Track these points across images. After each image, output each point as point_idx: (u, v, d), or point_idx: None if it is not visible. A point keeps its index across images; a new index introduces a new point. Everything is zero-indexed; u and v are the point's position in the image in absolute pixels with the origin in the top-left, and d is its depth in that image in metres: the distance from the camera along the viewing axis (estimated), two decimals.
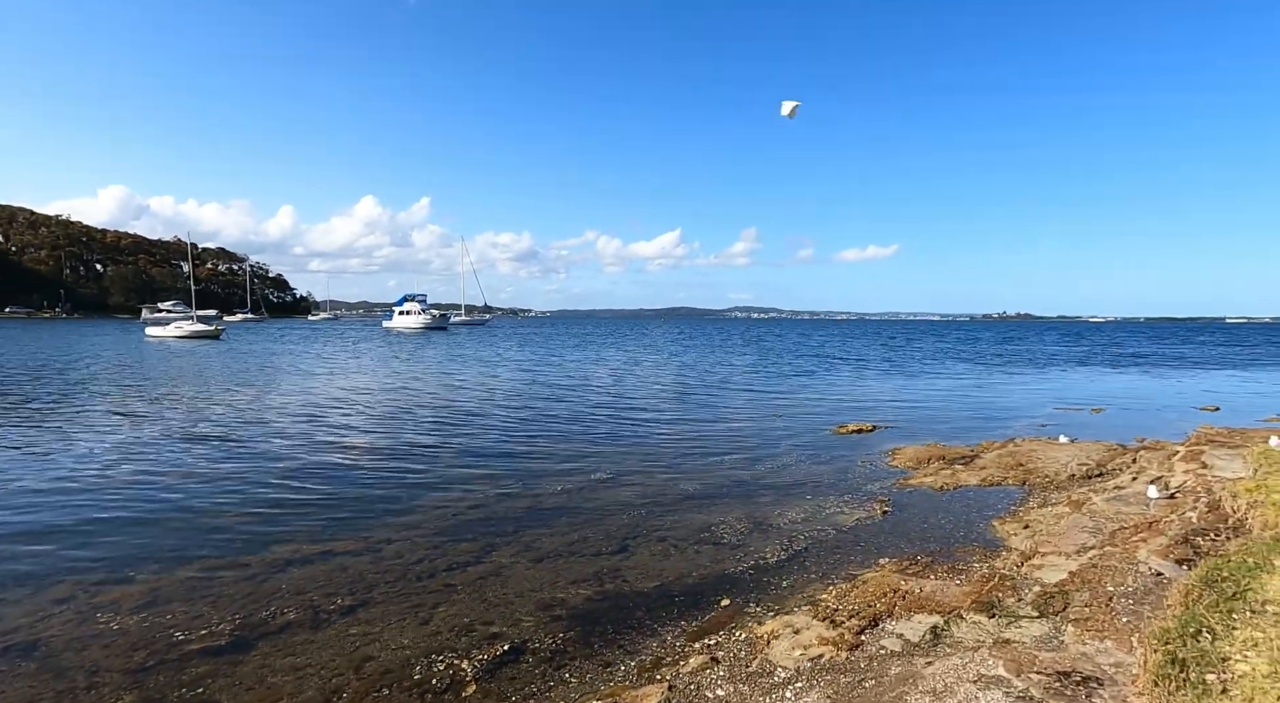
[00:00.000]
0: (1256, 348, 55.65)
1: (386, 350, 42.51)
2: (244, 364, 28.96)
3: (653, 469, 10.33)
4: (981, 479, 10.03)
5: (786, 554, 6.70)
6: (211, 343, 46.41)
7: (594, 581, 5.84)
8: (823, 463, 11.14)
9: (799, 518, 7.97)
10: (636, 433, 13.39)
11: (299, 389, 19.96)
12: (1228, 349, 53.61)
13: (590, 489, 9.04)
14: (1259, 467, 8.75)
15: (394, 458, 10.67)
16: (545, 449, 11.59)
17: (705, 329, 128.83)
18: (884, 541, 7.22)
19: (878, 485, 9.63)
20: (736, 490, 9.26)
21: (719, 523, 7.67)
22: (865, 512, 8.27)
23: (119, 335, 55.66)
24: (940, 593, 5.74)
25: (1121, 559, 6.33)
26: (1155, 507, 8.16)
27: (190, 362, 30.16)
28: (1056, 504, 8.68)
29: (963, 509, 8.50)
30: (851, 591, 5.76)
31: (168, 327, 52.12)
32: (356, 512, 7.62)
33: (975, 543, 7.19)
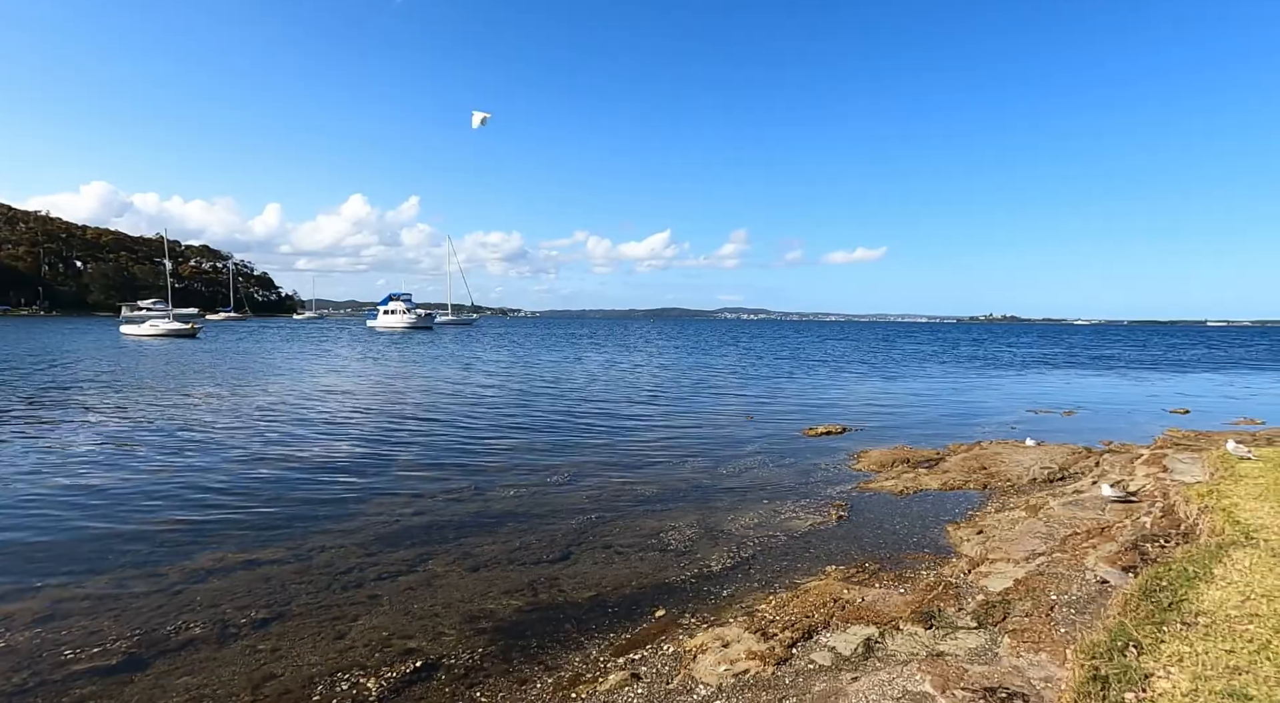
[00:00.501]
0: (1234, 351, 56.44)
1: (364, 350, 41.99)
2: (214, 364, 28.44)
3: (611, 472, 10.16)
4: (942, 483, 9.94)
5: (732, 561, 6.55)
6: (187, 342, 45.66)
7: (528, 590, 5.65)
8: (786, 466, 11.02)
9: (752, 523, 7.83)
10: (601, 436, 13.20)
11: (262, 390, 19.58)
12: (1205, 352, 54.31)
13: (543, 494, 8.85)
14: (1215, 471, 8.72)
15: (345, 461, 10.40)
16: (504, 452, 11.38)
17: (691, 330, 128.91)
18: (835, 547, 7.09)
19: (838, 489, 9.52)
20: (693, 494, 9.11)
21: (669, 528, 7.51)
22: (820, 517, 8.14)
23: (94, 334, 54.62)
24: (881, 602, 5.61)
25: (1069, 566, 6.24)
26: (1110, 512, 8.11)
27: (161, 361, 29.58)
28: (1013, 509, 8.61)
29: (919, 514, 8.39)
30: (792, 600, 5.62)
31: (143, 325, 51.23)
32: (294, 518, 7.37)
33: (926, 549, 7.08)
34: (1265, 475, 7.93)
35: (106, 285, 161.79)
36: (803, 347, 55.64)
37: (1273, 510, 6.45)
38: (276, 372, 25.16)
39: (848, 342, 69.27)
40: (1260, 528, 6.07)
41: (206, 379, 22.10)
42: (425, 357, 36.76)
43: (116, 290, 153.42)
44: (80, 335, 51.01)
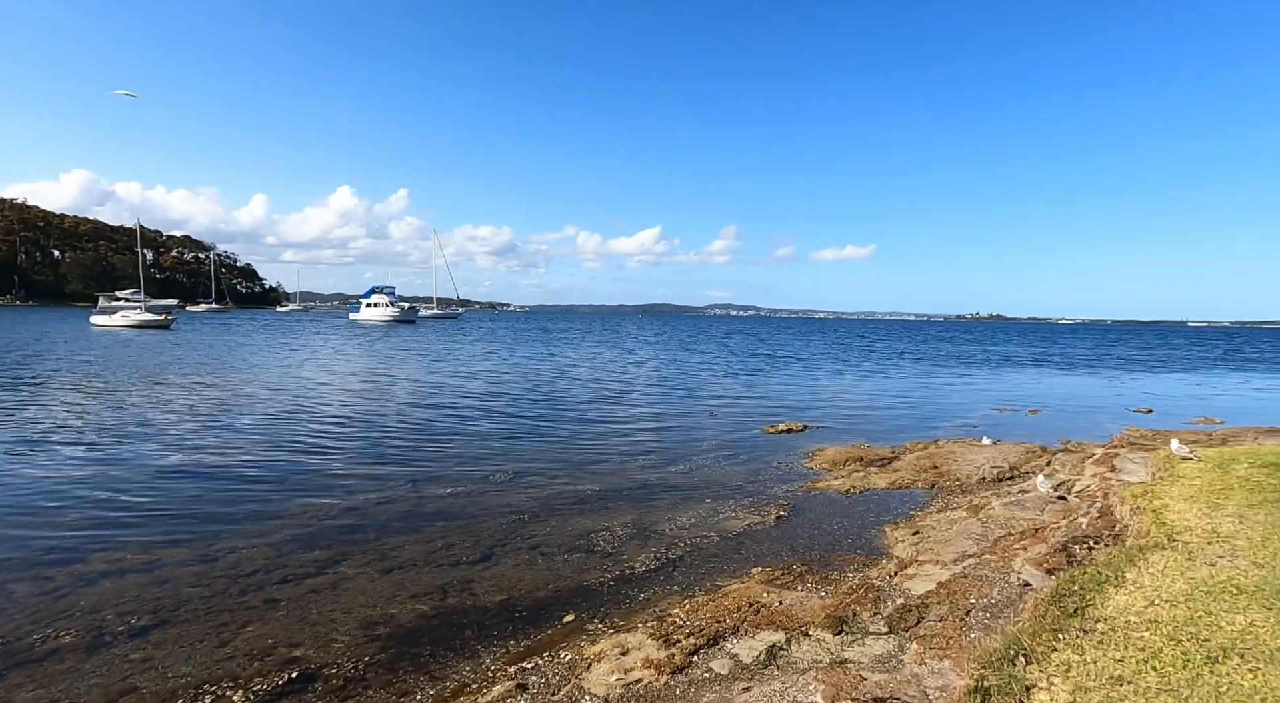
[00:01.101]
0: (1208, 351, 57.21)
1: (337, 344, 41.45)
2: (177, 357, 27.88)
3: (558, 471, 9.99)
4: (891, 482, 9.88)
5: (657, 563, 6.41)
6: (159, 333, 44.85)
7: (437, 594, 5.48)
8: (738, 464, 10.91)
9: (688, 523, 7.70)
10: (556, 433, 13.03)
11: (218, 382, 19.19)
12: (1180, 351, 55.01)
13: (481, 492, 8.67)
14: (1156, 471, 8.71)
15: (281, 459, 10.14)
16: (452, 450, 11.17)
17: (676, 326, 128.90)
18: (767, 548, 6.98)
19: (784, 488, 9.42)
20: (636, 493, 8.97)
21: (602, 529, 7.36)
22: (759, 516, 8.03)
23: (64, 324, 53.54)
24: (799, 607, 5.50)
25: (995, 569, 6.16)
26: (1049, 512, 8.06)
27: (125, 352, 28.98)
28: (956, 509, 8.54)
29: (861, 514, 8.31)
30: (708, 604, 5.49)
31: (114, 316, 50.25)
32: (212, 518, 7.14)
33: (859, 551, 6.99)
34: (1202, 476, 7.90)
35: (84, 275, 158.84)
36: (783, 344, 55.71)
37: (1199, 512, 6.41)
38: (237, 366, 24.68)
39: (829, 339, 69.53)
40: (1184, 530, 6.02)
41: (162, 372, 21.62)
42: (397, 351, 36.32)
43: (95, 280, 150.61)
44: (49, 326, 49.99)
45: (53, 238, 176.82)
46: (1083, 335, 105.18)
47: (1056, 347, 61.00)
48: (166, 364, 24.30)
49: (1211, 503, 6.70)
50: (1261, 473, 7.74)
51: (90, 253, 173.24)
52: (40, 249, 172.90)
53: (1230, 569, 4.92)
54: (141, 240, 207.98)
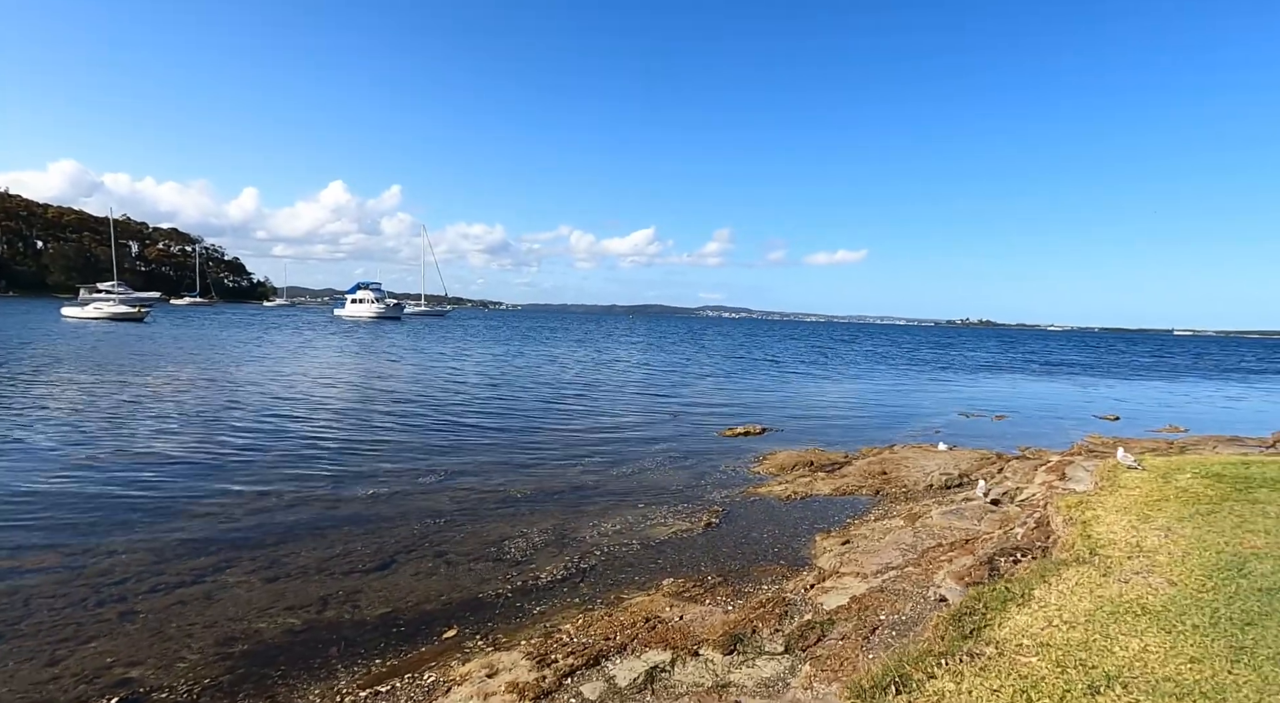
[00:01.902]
0: (1189, 359, 57.58)
1: (311, 338, 40.86)
2: (139, 348, 27.27)
3: (494, 473, 9.67)
4: (835, 489, 9.63)
5: (566, 573, 6.11)
6: (130, 326, 44.03)
7: (316, 606, 5.15)
8: (684, 467, 10.63)
9: (612, 530, 7.40)
10: (505, 433, 12.70)
11: (163, 375, 18.67)
12: (1160, 360, 55.32)
13: (405, 495, 8.33)
14: (1099, 480, 8.51)
15: (205, 456, 9.75)
16: (389, 449, 10.82)
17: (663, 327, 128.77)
18: (687, 557, 6.69)
19: (723, 494, 9.14)
20: (569, 497, 8.66)
21: (519, 535, 7.05)
22: (689, 523, 7.75)
23: (35, 315, 52.53)
24: (699, 622, 5.21)
25: (916, 582, 5.90)
26: (987, 522, 7.83)
27: (82, 344, 28.30)
28: (894, 517, 8.30)
29: (796, 522, 8.04)
30: (603, 619, 5.19)
31: (85, 308, 49.37)
32: (103, 519, 6.77)
33: (783, 561, 6.72)
34: (1142, 487, 7.70)
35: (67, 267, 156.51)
36: (762, 346, 55.58)
37: (1128, 525, 6.19)
38: (192, 359, 24.10)
39: (810, 342, 69.52)
40: (1108, 544, 5.80)
41: (110, 364, 21.05)
42: (366, 347, 35.74)
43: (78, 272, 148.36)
44: (18, 317, 48.97)
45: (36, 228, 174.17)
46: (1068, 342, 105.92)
47: (1038, 352, 61.23)
48: (120, 357, 23.70)
49: (1142, 515, 6.49)
50: (1201, 484, 7.55)
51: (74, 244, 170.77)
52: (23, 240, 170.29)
53: (1142, 587, 4.69)
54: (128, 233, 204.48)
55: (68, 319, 47.06)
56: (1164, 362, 51.04)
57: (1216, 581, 4.68)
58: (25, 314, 54.27)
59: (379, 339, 43.86)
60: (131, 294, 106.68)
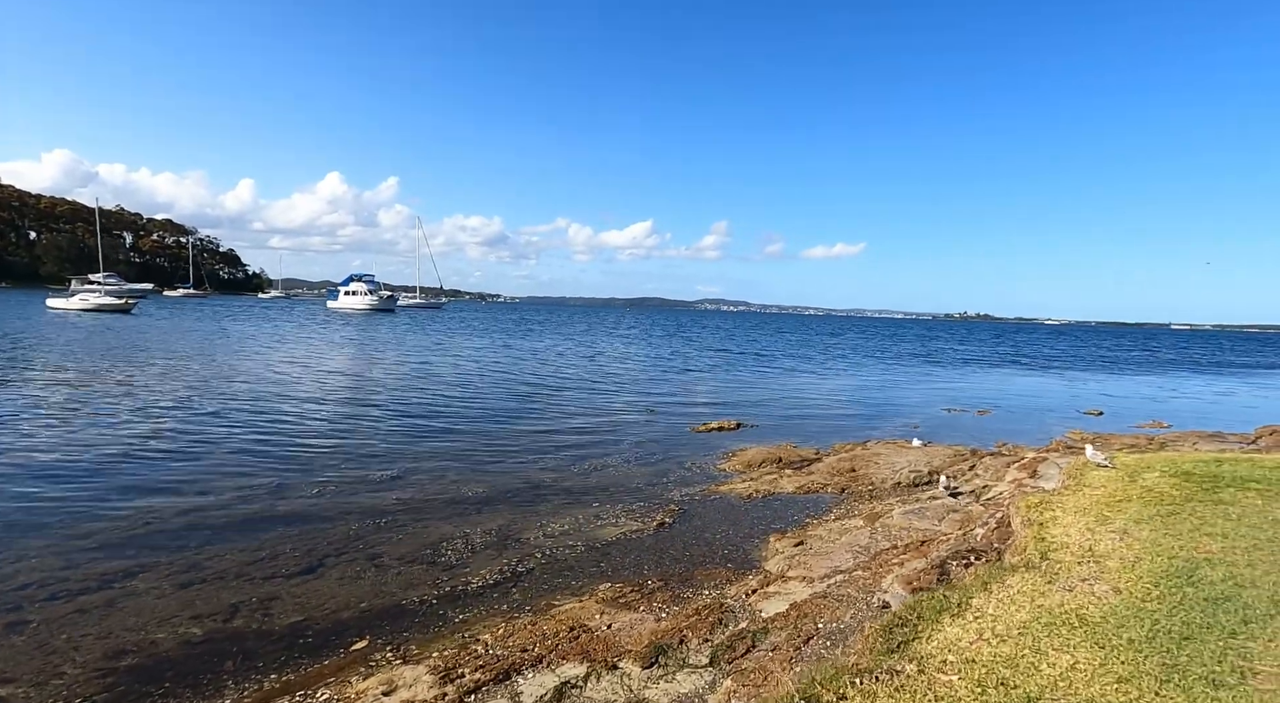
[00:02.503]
0: (1182, 353, 57.47)
1: (298, 331, 40.47)
2: (120, 341, 26.92)
3: (449, 470, 9.42)
4: (799, 486, 9.40)
5: (501, 577, 5.87)
6: (116, 317, 43.59)
7: (225, 614, 4.90)
8: (649, 464, 10.39)
9: (559, 531, 7.16)
10: (470, 429, 12.43)
11: (127, 367, 18.34)
12: (1152, 353, 55.20)
13: (351, 493, 8.08)
14: (1068, 479, 8.28)
15: (147, 452, 9.45)
16: (345, 445, 10.56)
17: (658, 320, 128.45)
18: (632, 560, 6.45)
19: (683, 492, 8.90)
20: (522, 496, 8.41)
21: (461, 536, 6.81)
22: (641, 523, 7.51)
23: (20, 307, 52.01)
24: (627, 631, 4.98)
25: (862, 587, 5.67)
26: (947, 522, 7.61)
27: (58, 336, 27.92)
28: (854, 517, 8.07)
29: (753, 521, 7.81)
30: (526, 628, 4.95)
31: (71, 299, 48.91)
32: (20, 522, 6.50)
33: (730, 564, 6.48)
34: (1107, 485, 7.47)
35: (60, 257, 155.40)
36: (753, 339, 55.33)
37: (1084, 526, 5.95)
38: (165, 352, 23.74)
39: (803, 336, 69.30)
40: (1060, 547, 5.56)
41: (81, 357, 20.69)
42: (349, 340, 35.37)
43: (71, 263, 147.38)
44: (5, 308, 48.51)
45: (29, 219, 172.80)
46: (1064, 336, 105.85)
47: (1032, 346, 61.10)
48: (90, 349, 23.33)
49: (1101, 516, 6.26)
50: (1168, 483, 7.32)
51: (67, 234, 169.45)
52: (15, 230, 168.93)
53: (1085, 596, 4.45)
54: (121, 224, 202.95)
55: (52, 310, 46.63)
56: (1157, 356, 50.90)
57: (1164, 589, 4.45)
58: (11, 306, 53.75)
59: (363, 332, 43.51)
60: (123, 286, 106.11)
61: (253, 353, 25.11)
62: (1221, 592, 4.32)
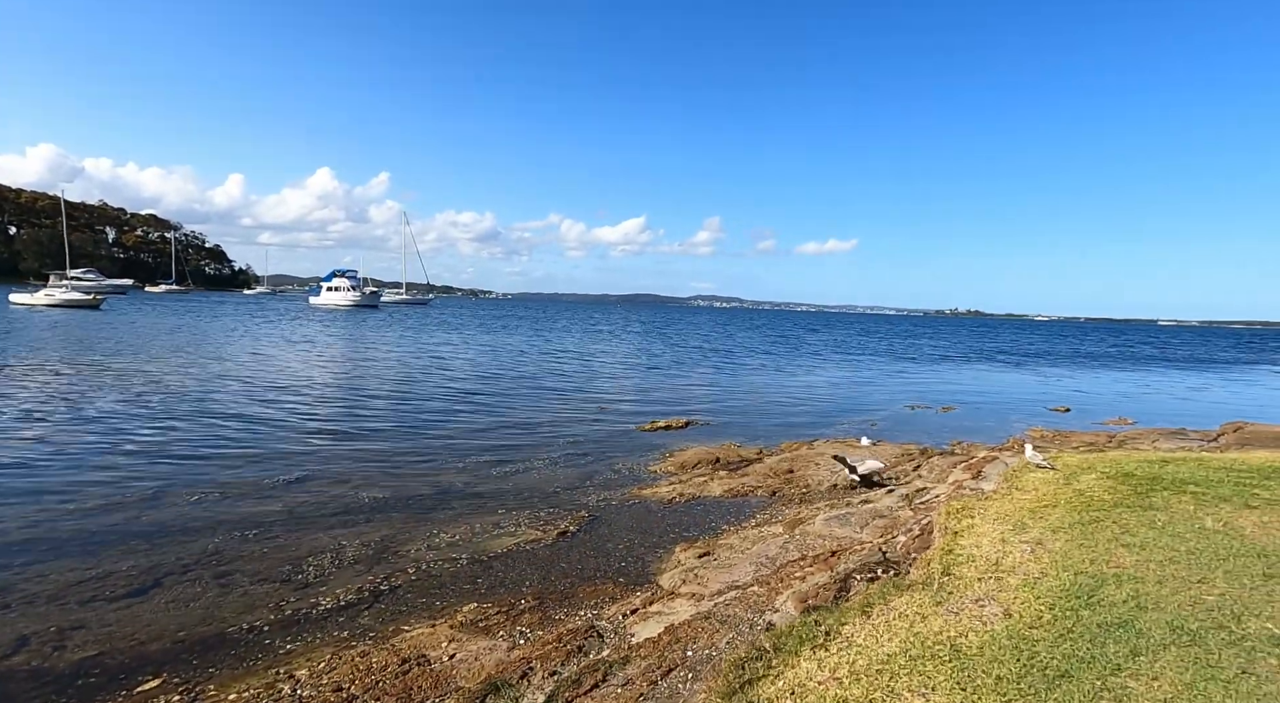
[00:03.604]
0: (1162, 350, 57.45)
1: (262, 327, 39.56)
2: (69, 338, 26.08)
3: (358, 474, 8.83)
4: (728, 489, 8.88)
5: (358, 597, 5.30)
6: (83, 313, 42.54)
7: (8, 648, 4.32)
8: (577, 467, 9.84)
9: (447, 541, 6.61)
10: (399, 429, 11.85)
11: (58, 366, 17.65)
12: (1134, 349, 55.16)
13: (235, 499, 7.50)
14: (1001, 481, 7.80)
15: (31, 455, 8.85)
16: (252, 447, 9.94)
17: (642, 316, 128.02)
18: (513, 575, 5.91)
19: (602, 496, 8.36)
20: (425, 502, 7.85)
21: (333, 549, 6.24)
22: (541, 532, 6.96)
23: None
24: (469, 663, 4.43)
25: (753, 605, 5.14)
26: (870, 529, 7.10)
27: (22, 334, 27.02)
28: (776, 523, 7.56)
29: (665, 529, 7.28)
30: (353, 660, 4.39)
31: (36, 294, 47.74)
32: None
33: (622, 578, 5.95)
34: (1039, 489, 6.99)
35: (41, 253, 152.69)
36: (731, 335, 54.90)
37: (999, 536, 5.45)
38: (118, 348, 23.02)
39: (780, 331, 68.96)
40: (966, 560, 5.06)
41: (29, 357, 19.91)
42: (308, 337, 34.45)
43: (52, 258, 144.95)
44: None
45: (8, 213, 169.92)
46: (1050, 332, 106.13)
47: (1014, 342, 60.97)
48: (30, 344, 22.50)
49: (1020, 524, 5.76)
50: (1103, 486, 6.85)
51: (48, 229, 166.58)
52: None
53: (970, 620, 3.94)
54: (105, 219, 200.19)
55: (15, 307, 45.49)
56: (1137, 352, 50.80)
57: (1058, 611, 3.95)
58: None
59: (328, 328, 42.61)
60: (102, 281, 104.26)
61: (198, 349, 24.29)
62: (1119, 616, 3.82)
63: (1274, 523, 5.38)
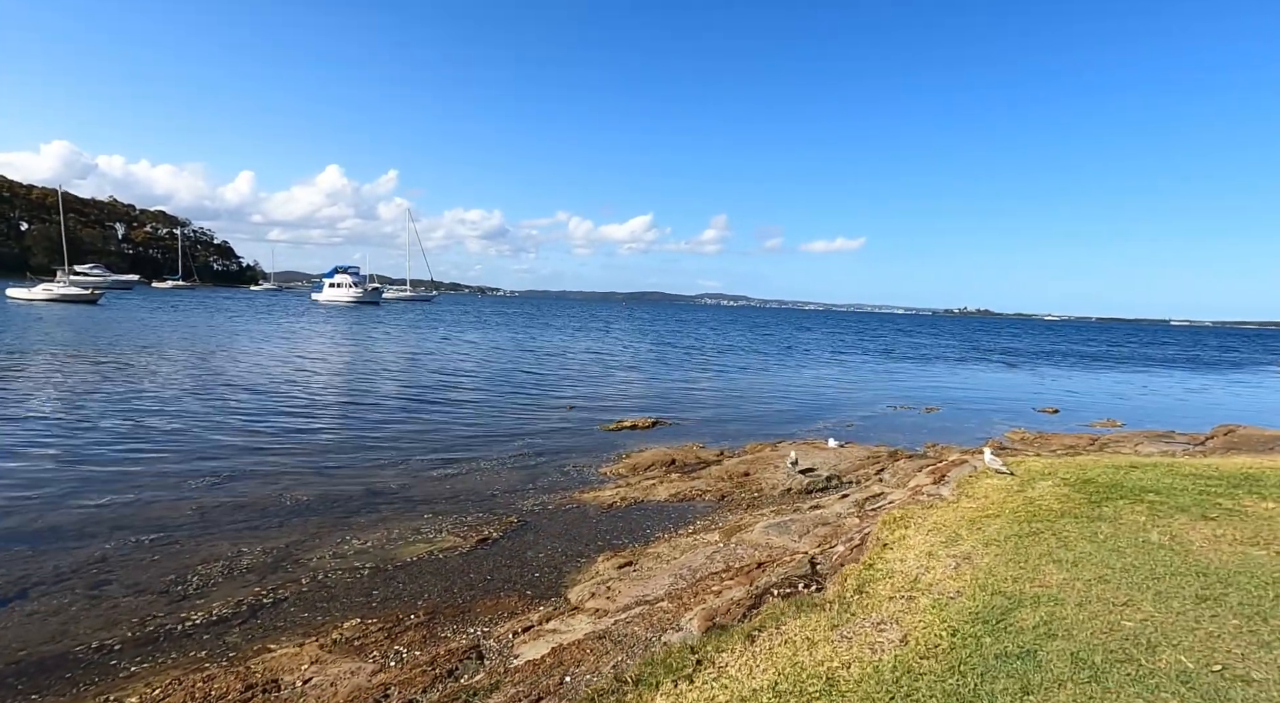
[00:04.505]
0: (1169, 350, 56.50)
1: (254, 323, 39.43)
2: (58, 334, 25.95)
3: (288, 474, 8.49)
4: (675, 493, 8.48)
5: (232, 612, 4.95)
6: (79, 308, 42.58)
7: None
8: (524, 468, 9.47)
9: (356, 549, 6.24)
10: (350, 426, 11.54)
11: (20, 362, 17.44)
12: (1136, 349, 54.22)
13: (147, 502, 7.17)
14: (955, 488, 7.36)
15: None
16: (190, 445, 9.63)
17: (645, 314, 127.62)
18: (414, 586, 5.54)
19: (539, 500, 7.99)
20: (349, 506, 7.49)
21: (229, 557, 5.89)
22: (462, 539, 6.59)
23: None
24: (324, 689, 4.07)
25: (655, 624, 4.76)
26: (808, 539, 6.69)
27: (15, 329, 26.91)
28: (714, 530, 7.15)
29: (594, 536, 6.90)
30: (195, 685, 4.02)
31: (34, 289, 47.88)
32: None
33: (530, 591, 5.57)
34: (989, 497, 6.56)
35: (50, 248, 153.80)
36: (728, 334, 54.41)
37: (926, 551, 5.03)
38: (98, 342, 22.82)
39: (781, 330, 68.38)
40: (885, 576, 4.65)
41: None
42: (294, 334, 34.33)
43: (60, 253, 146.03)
44: None
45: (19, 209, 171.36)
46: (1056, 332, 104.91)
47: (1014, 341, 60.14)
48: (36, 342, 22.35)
49: (954, 536, 5.34)
50: (1058, 493, 6.41)
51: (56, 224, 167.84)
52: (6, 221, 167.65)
53: (860, 648, 3.54)
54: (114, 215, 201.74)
55: (13, 301, 45.60)
56: (1142, 352, 49.93)
57: (960, 638, 3.53)
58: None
59: (320, 323, 42.48)
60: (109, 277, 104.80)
61: (169, 344, 24.05)
62: (1023, 644, 3.40)
63: (1227, 537, 4.93)
